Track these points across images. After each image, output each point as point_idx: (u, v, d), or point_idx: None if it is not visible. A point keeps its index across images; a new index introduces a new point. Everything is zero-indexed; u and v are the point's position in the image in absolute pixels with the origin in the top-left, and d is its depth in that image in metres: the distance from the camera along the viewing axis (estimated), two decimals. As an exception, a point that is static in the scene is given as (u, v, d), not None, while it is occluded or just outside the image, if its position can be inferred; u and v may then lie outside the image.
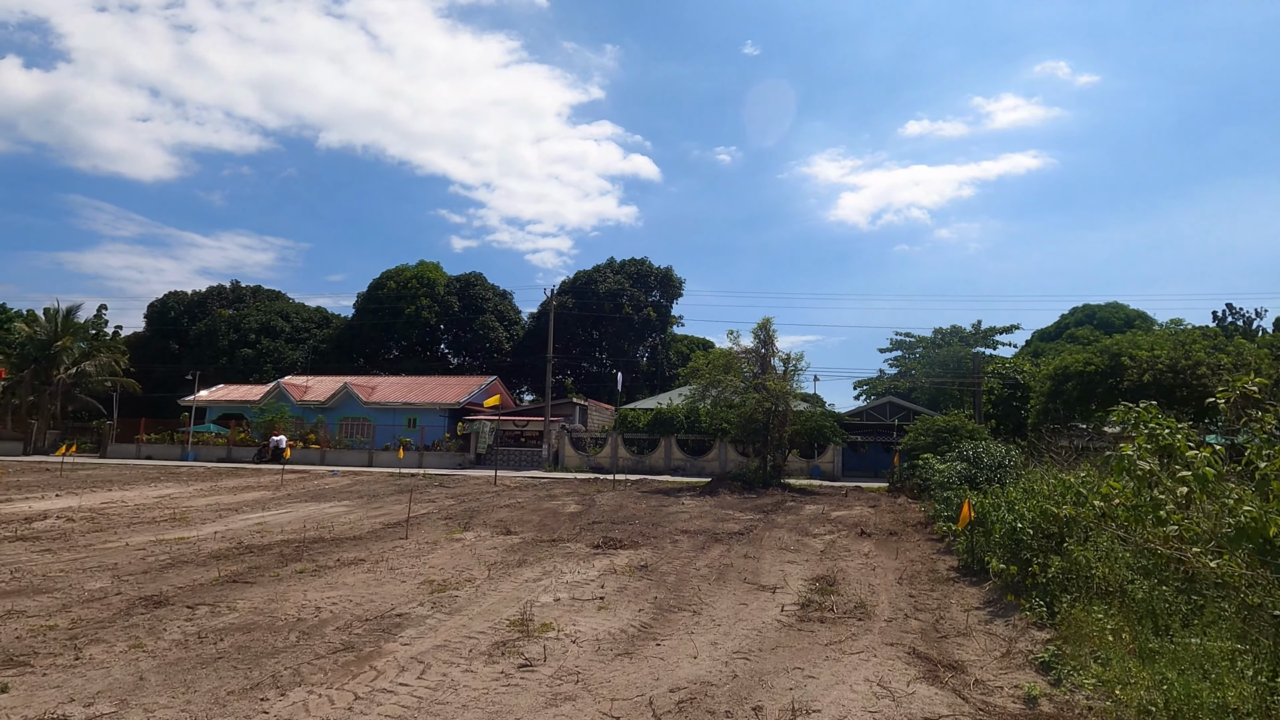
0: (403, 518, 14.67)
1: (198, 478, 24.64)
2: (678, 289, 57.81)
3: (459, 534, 12.69)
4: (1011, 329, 54.30)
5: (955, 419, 22.60)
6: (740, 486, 22.93)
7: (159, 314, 60.02)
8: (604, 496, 20.27)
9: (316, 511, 15.82)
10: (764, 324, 25.47)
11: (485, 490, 21.80)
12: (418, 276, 55.05)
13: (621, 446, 34.51)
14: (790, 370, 25.36)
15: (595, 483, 25.62)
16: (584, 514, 16.03)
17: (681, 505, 18.43)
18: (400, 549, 11.04)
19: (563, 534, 12.91)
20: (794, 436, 25.82)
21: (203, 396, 42.57)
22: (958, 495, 12.66)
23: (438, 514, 15.63)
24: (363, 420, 40.24)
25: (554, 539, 12.29)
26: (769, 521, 15.37)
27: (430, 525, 13.85)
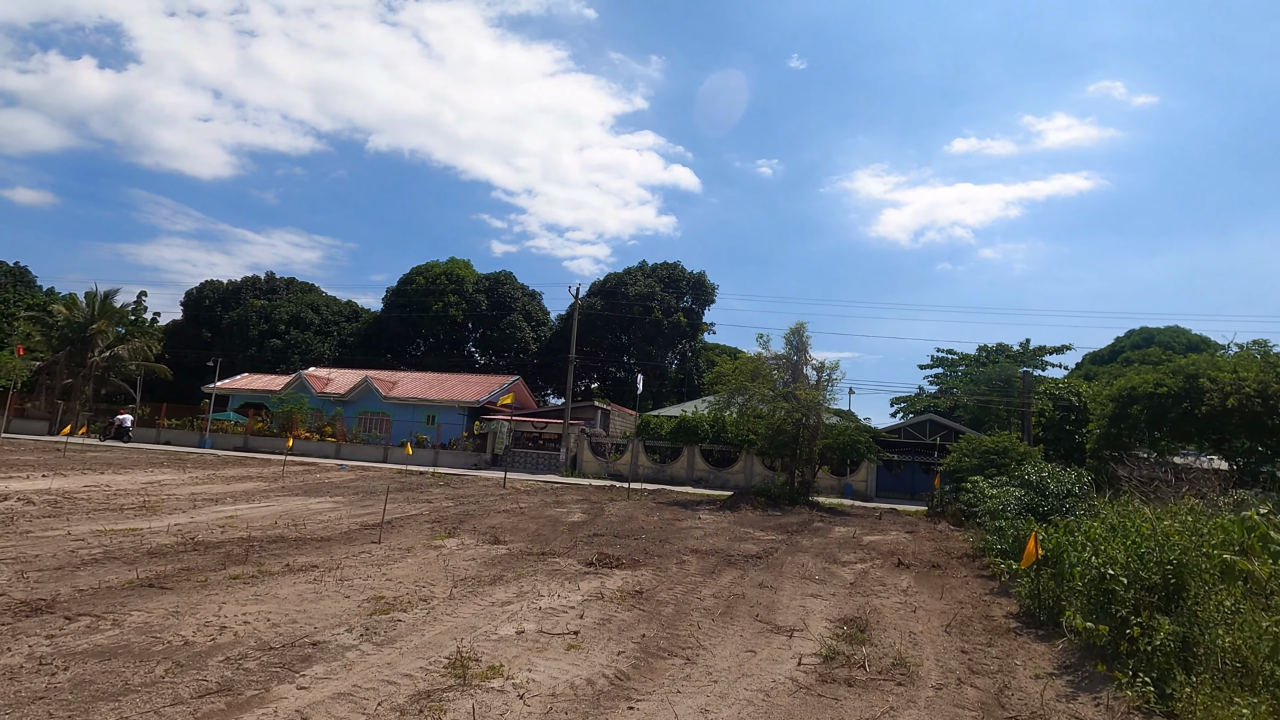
0: (391, 516, 13.38)
1: (201, 465, 23.88)
2: (710, 295, 56.12)
3: (440, 540, 11.31)
4: (1062, 349, 51.33)
5: (1005, 440, 20.52)
6: (765, 502, 21.18)
7: (194, 302, 60.65)
8: (615, 506, 18.76)
9: (300, 506, 14.64)
10: (797, 329, 23.72)
11: (490, 492, 20.48)
12: (447, 273, 54.46)
13: (642, 454, 32.95)
14: (824, 380, 23.53)
15: (610, 490, 24.13)
16: (587, 524, 14.53)
17: (698, 520, 16.81)
18: (366, 555, 9.69)
19: (556, 546, 11.44)
20: (825, 451, 23.97)
21: (226, 385, 42.37)
22: (1015, 526, 10.83)
23: (428, 516, 14.30)
24: (381, 415, 39.47)
25: (544, 552, 10.82)
26: (792, 544, 13.67)
27: (414, 528, 12.52)
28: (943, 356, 55.43)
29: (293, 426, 36.32)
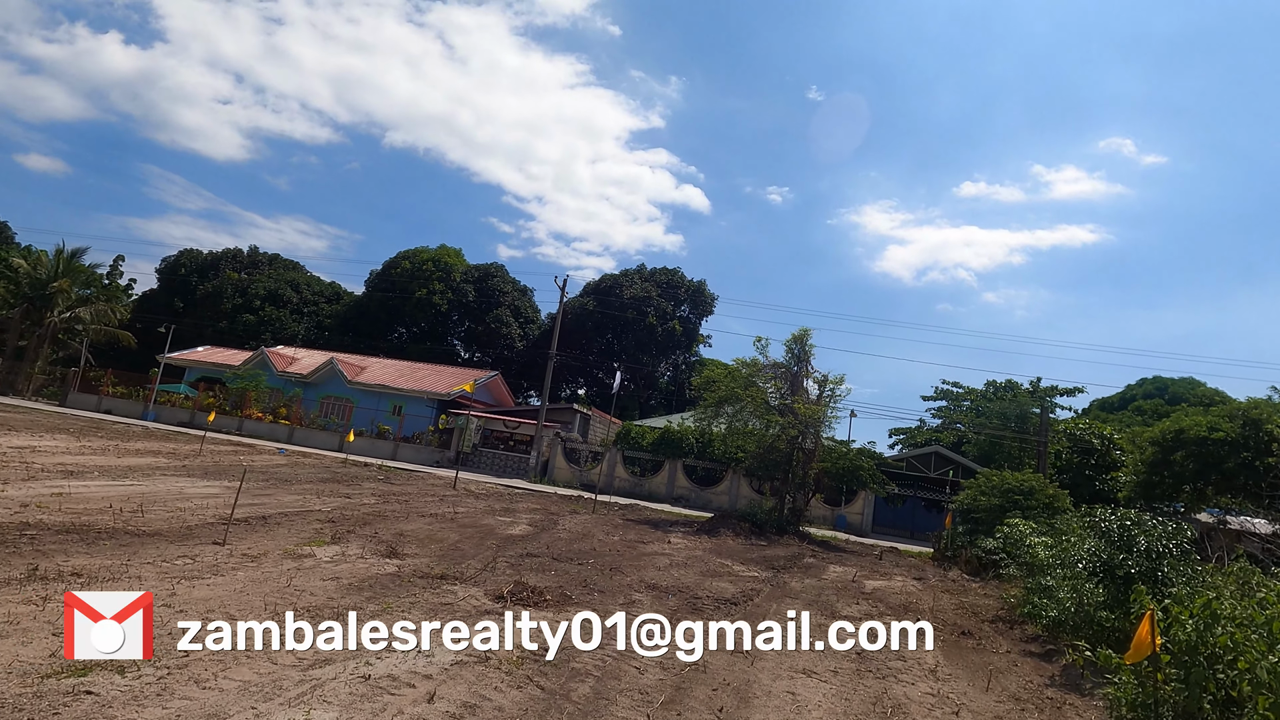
0: (283, 510, 10.57)
1: (109, 435, 21.00)
2: (709, 305, 53.49)
3: (314, 547, 8.50)
4: (1074, 391, 48.71)
5: (1031, 479, 17.74)
6: (749, 529, 18.35)
7: (170, 270, 57.88)
8: (572, 520, 15.92)
9: (173, 489, 11.80)
10: (800, 336, 21.02)
11: (432, 492, 17.64)
12: (435, 260, 51.78)
13: (620, 465, 30.12)
14: (827, 396, 20.79)
15: (575, 502, 21.29)
16: (526, 540, 11.71)
17: (667, 544, 13.99)
18: (185, 563, 6.89)
19: (467, 568, 8.62)
20: (821, 476, 21.18)
21: (182, 355, 39.51)
22: (1080, 589, 8.05)
23: (329, 514, 11.47)
24: (345, 401, 36.59)
25: (446, 575, 8.01)
26: (779, 586, 10.86)
27: (294, 528, 9.70)
28: (947, 389, 52.80)
29: (245, 405, 33.44)
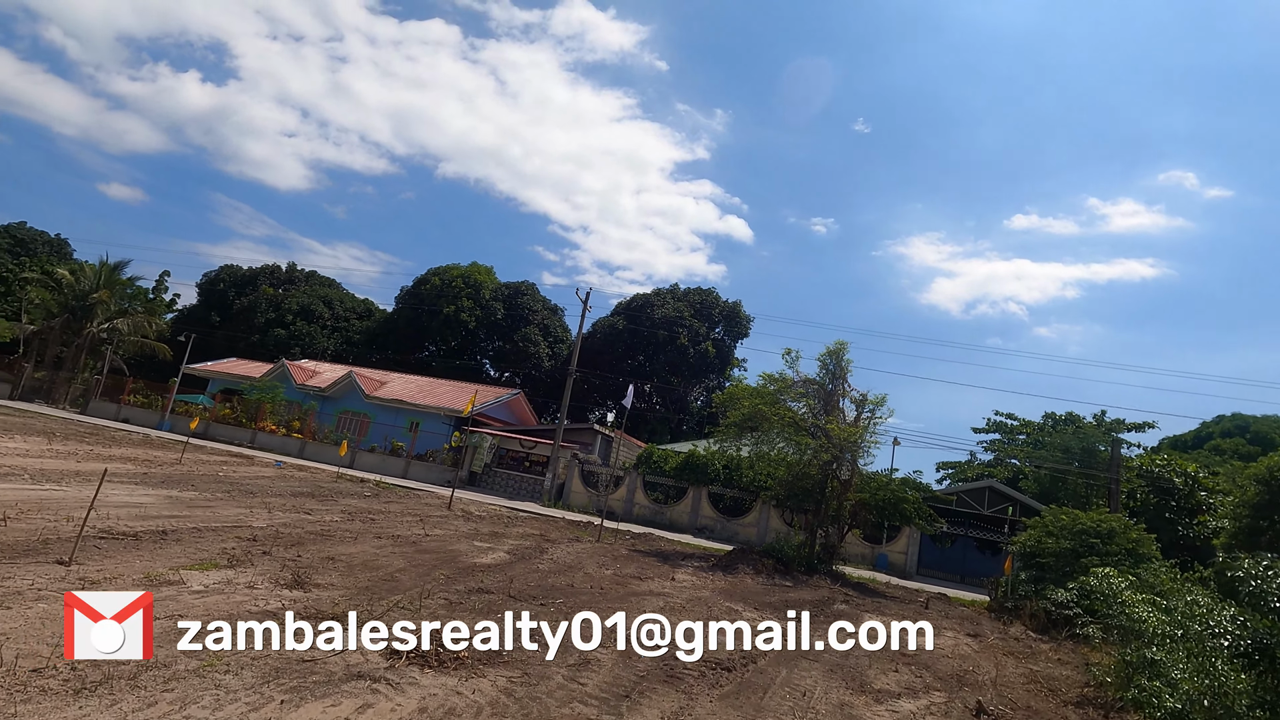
0: (207, 525, 8.93)
1: (102, 440, 19.97)
2: (745, 327, 51.28)
3: (197, 571, 6.76)
4: (1143, 427, 44.64)
5: (1110, 520, 15.00)
6: (772, 566, 16.02)
7: (209, 285, 58.68)
8: (565, 549, 13.92)
9: (88, 497, 10.29)
10: (836, 350, 18.78)
11: (416, 512, 15.89)
12: (464, 276, 51.03)
13: (640, 490, 28.01)
14: (865, 417, 18.42)
15: (583, 528, 19.29)
16: (491, 572, 9.78)
17: (669, 582, 11.88)
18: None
19: (385, 607, 6.73)
20: (859, 509, 18.71)
21: (207, 367, 39.26)
22: (1210, 671, 5.72)
23: (263, 530, 9.76)
24: (362, 416, 35.51)
25: (347, 615, 6.13)
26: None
27: (190, 547, 7.99)
28: (1001, 421, 49.21)
29: (260, 417, 32.59)
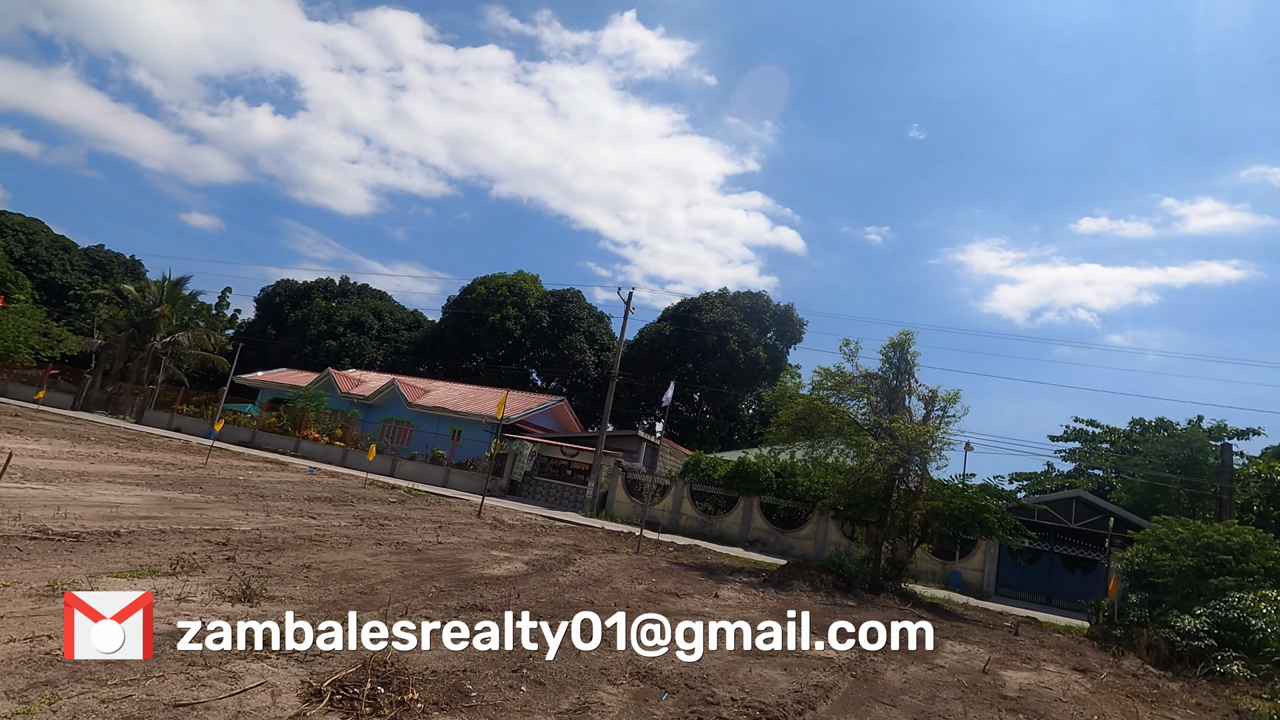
0: (180, 527, 7.88)
1: (134, 445, 19.66)
2: (798, 332, 49.06)
3: (130, 579, 5.59)
4: (1248, 434, 40.27)
5: (1245, 533, 12.56)
6: (831, 582, 14.15)
7: (266, 300, 60.10)
8: (598, 561, 12.47)
9: (76, 496, 9.42)
10: (900, 341, 16.82)
11: (439, 520, 14.73)
12: (509, 284, 50.56)
13: (688, 500, 26.35)
14: (937, 416, 16.37)
15: (622, 539, 17.83)
16: (501, 585, 8.41)
17: (711, 600, 10.29)
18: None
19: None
20: (930, 519, 16.60)
21: (257, 377, 39.67)
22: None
23: (235, 536, 8.67)
24: (406, 424, 35.03)
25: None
26: (864, 677, 6.98)
27: (139, 551, 6.90)
28: (1080, 429, 45.39)
29: (304, 425, 32.42)
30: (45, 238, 67.01)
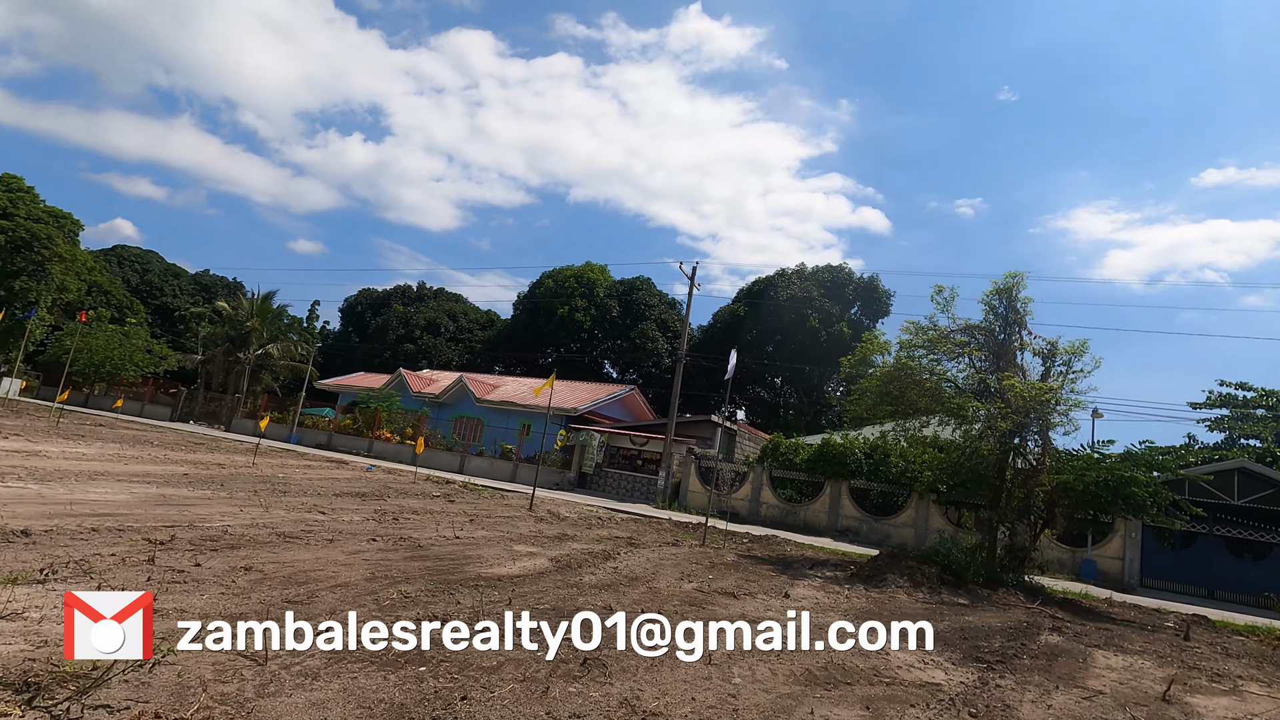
0: (131, 524, 6.73)
1: (199, 449, 19.57)
2: (884, 305, 45.35)
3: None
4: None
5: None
6: (936, 576, 11.69)
7: (350, 309, 62.00)
8: (650, 555, 10.66)
9: (74, 498, 8.53)
10: (1006, 286, 13.98)
11: (477, 513, 13.36)
12: (576, 276, 49.56)
13: (767, 488, 24.10)
14: (1060, 372, 13.48)
15: (689, 530, 15.95)
16: (502, 586, 6.76)
17: (782, 600, 8.27)
18: None
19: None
20: (1056, 497, 13.72)
21: (336, 382, 40.52)
22: None
23: (212, 532, 7.43)
24: (476, 420, 34.51)
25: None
26: (996, 707, 4.80)
27: (50, 549, 5.66)
28: (1229, 394, 39.43)
29: (376, 425, 32.43)
30: (159, 266, 72.15)
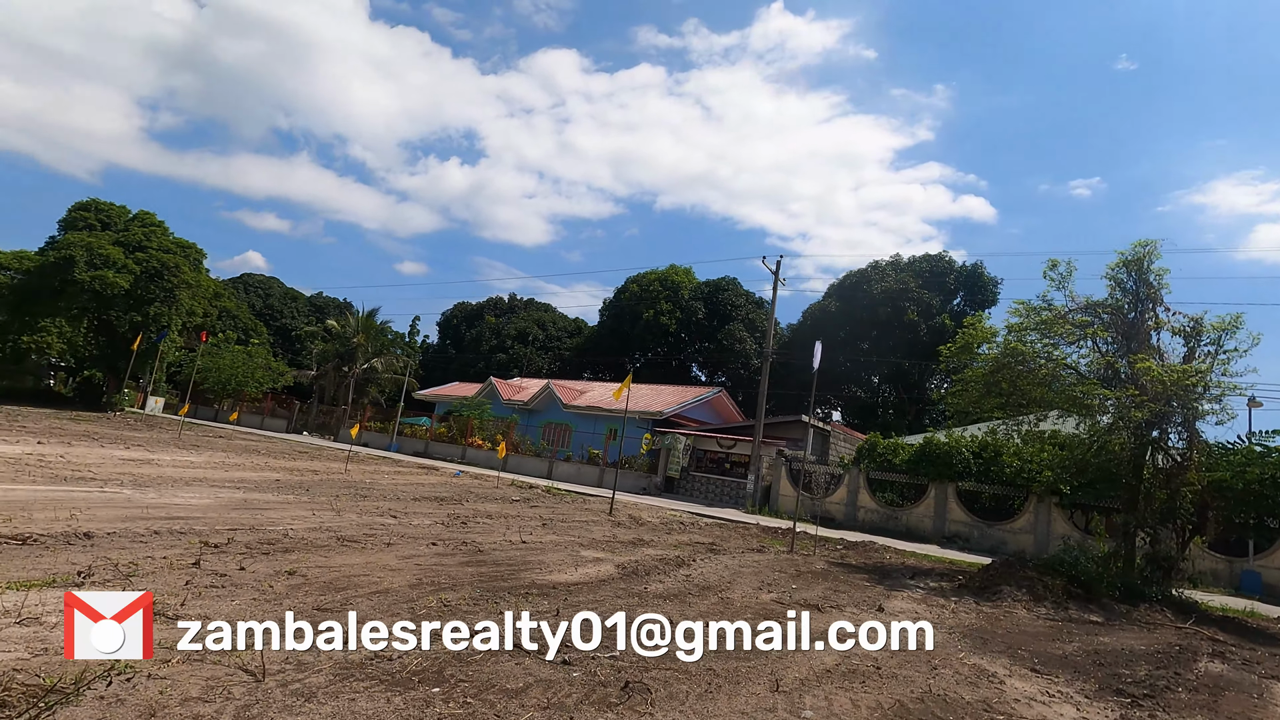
0: (205, 527, 6.81)
1: (301, 457, 20.56)
2: (990, 294, 42.05)
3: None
4: None
5: None
6: (1061, 589, 10.22)
7: (446, 323, 64.53)
8: (730, 561, 9.91)
9: (109, 498, 8.87)
10: (1137, 258, 12.17)
11: (554, 517, 13.05)
12: (661, 279, 49.17)
13: (865, 491, 22.58)
14: (1207, 353, 11.59)
15: (778, 536, 15.01)
16: (557, 595, 6.27)
17: (873, 615, 7.32)
18: None
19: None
20: (1208, 498, 11.76)
21: (433, 392, 42.09)
22: None
23: (271, 535, 7.40)
24: (564, 426, 34.73)
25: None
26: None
27: (108, 551, 5.67)
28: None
29: (468, 433, 33.27)
30: (279, 290, 78.12)
